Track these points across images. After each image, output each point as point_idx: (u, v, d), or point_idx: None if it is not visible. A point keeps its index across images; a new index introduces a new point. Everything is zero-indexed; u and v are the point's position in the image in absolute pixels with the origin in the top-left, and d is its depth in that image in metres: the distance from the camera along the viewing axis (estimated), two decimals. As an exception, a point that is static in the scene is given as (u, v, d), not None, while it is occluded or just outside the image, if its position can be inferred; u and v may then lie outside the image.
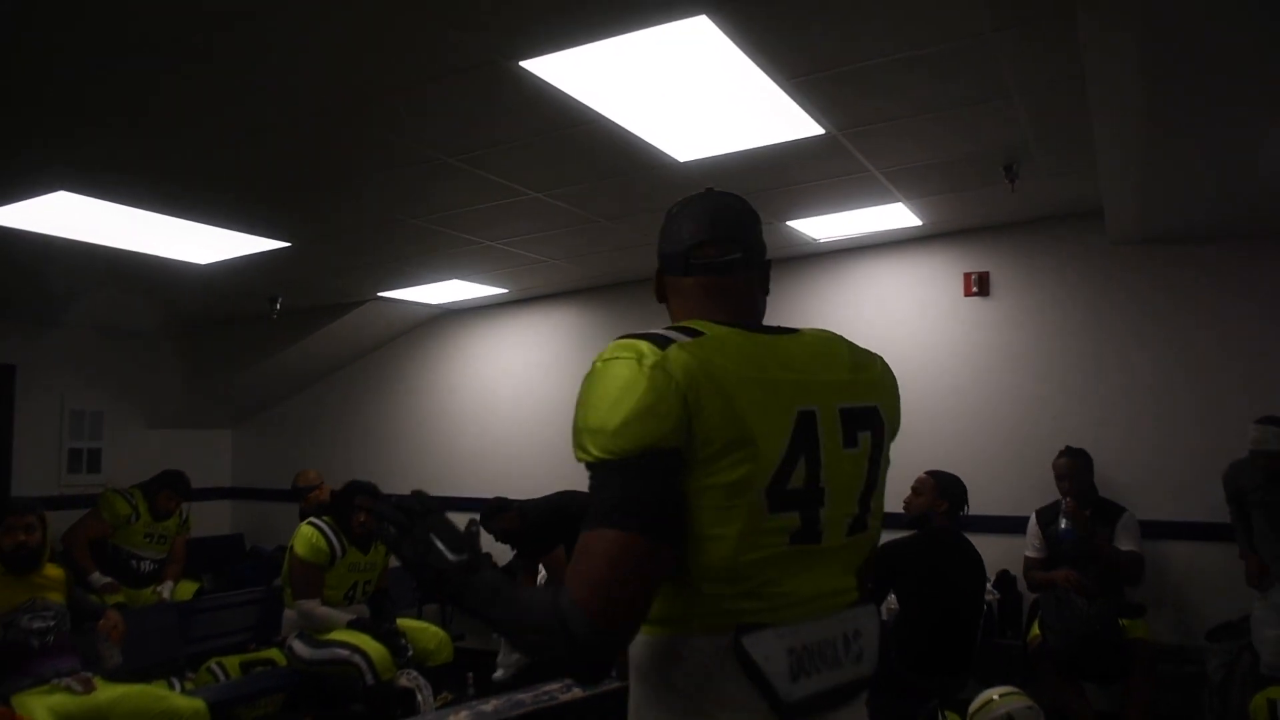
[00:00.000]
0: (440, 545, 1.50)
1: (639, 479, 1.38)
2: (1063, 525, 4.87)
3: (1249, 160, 3.93)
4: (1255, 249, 5.05)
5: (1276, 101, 3.31)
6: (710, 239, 1.66)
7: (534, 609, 1.40)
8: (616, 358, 1.43)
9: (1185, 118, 3.49)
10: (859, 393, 1.60)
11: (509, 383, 7.31)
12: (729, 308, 1.63)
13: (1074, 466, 5.00)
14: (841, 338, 1.66)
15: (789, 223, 5.26)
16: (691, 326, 1.51)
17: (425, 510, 1.55)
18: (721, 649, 1.43)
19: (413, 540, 1.52)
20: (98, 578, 5.77)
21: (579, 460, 1.43)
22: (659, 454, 1.38)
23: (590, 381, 1.45)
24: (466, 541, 1.52)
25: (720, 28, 2.83)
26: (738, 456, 1.42)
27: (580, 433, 1.42)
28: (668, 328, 1.51)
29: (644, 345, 1.43)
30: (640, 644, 1.48)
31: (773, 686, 1.43)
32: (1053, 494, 5.11)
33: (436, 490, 7.34)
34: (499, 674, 5.36)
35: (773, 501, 1.45)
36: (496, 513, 5.58)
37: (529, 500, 5.66)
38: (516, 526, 5.52)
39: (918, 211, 5.22)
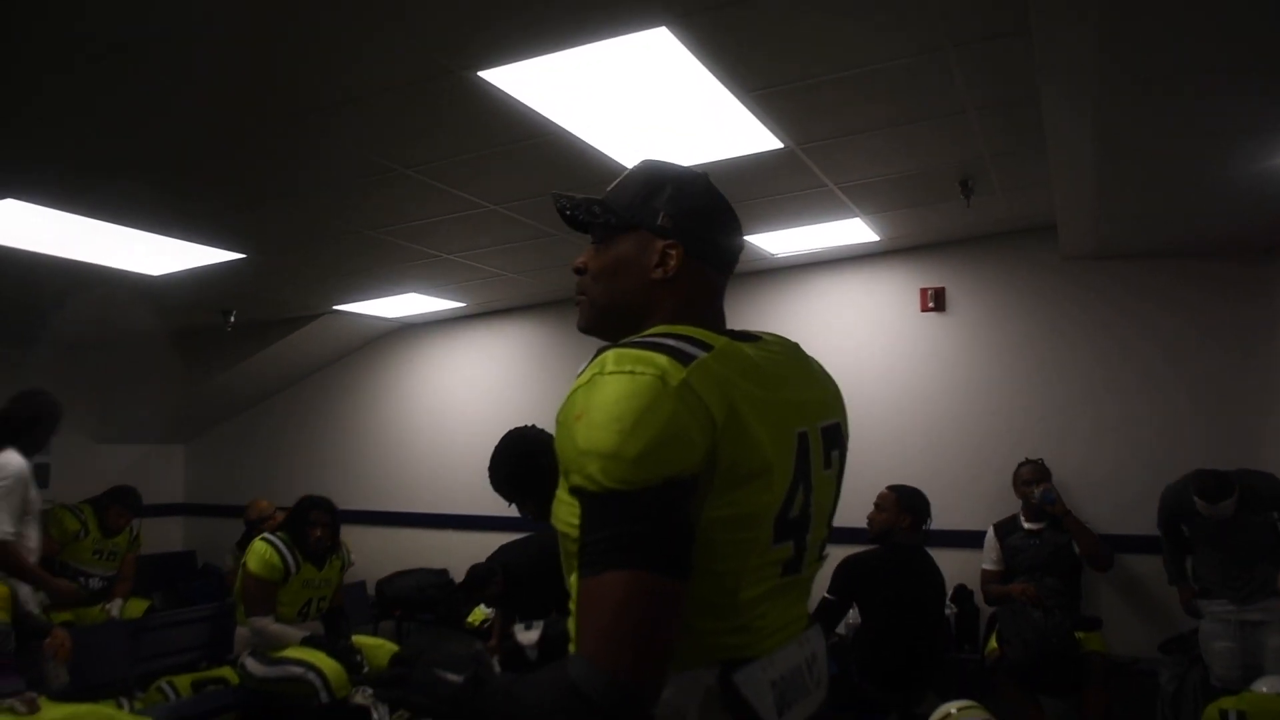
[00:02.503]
0: (443, 674, 1.36)
1: (658, 512, 1.21)
2: (1039, 493, 4.92)
3: (1198, 180, 4.00)
4: (1205, 265, 5.15)
5: (1225, 123, 3.37)
6: (734, 236, 1.54)
7: (545, 697, 1.23)
8: (631, 372, 1.26)
9: (1137, 137, 3.54)
10: (830, 409, 1.53)
11: (466, 397, 7.26)
12: (714, 310, 1.52)
13: (1039, 471, 5.07)
14: (798, 346, 1.57)
15: (746, 237, 5.27)
16: (692, 335, 1.35)
17: (416, 654, 1.41)
18: (707, 687, 1.32)
19: (418, 685, 1.36)
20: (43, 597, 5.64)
21: (575, 487, 1.25)
22: (680, 484, 1.23)
23: (594, 398, 1.26)
24: (467, 659, 1.39)
25: (680, 40, 2.84)
26: (756, 486, 1.31)
27: (585, 457, 1.23)
28: (665, 334, 1.35)
29: (663, 360, 1.27)
30: None
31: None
32: (1008, 507, 5.16)
33: (392, 507, 7.31)
34: None
35: (777, 532, 1.36)
36: (482, 584, 5.44)
37: (510, 555, 5.52)
38: (504, 591, 5.42)
39: (874, 227, 5.25)
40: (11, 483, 4.31)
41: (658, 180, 1.54)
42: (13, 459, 4.36)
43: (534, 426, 3.16)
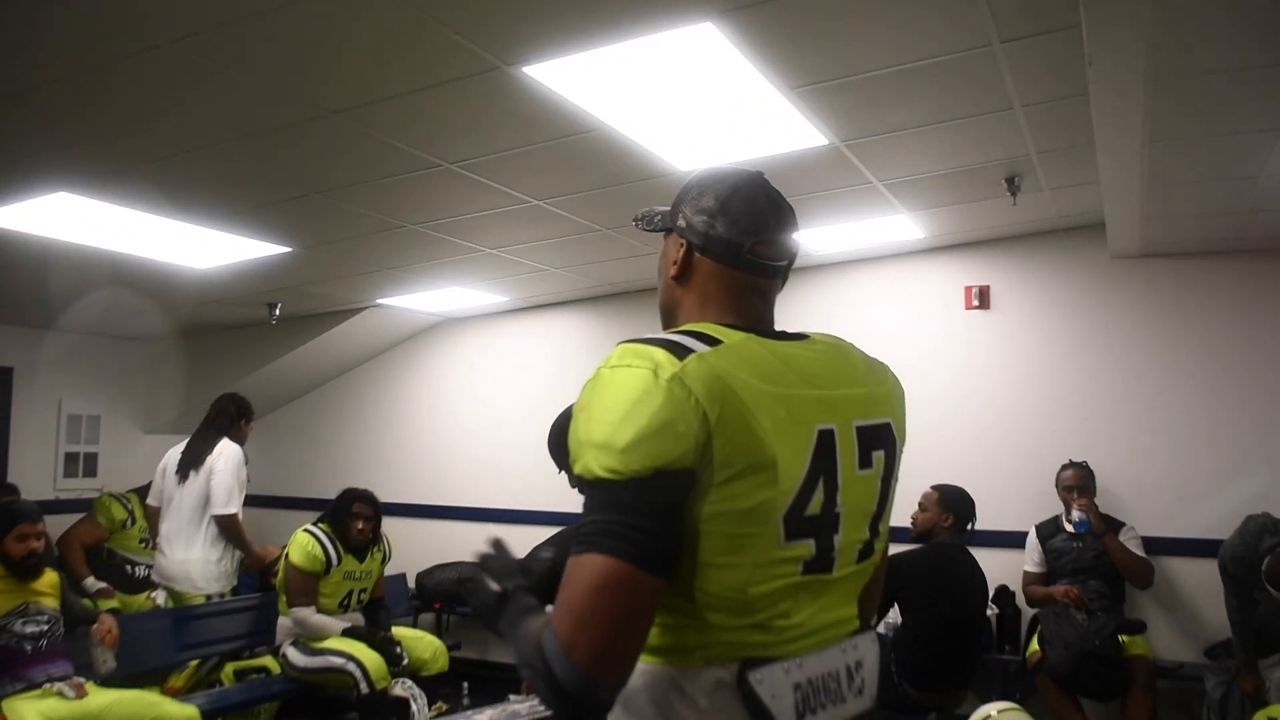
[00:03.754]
0: (487, 580, 1.47)
1: (643, 502, 1.25)
2: (1076, 518, 4.83)
3: (1250, 176, 3.93)
4: (1255, 264, 5.05)
5: (1277, 119, 3.31)
6: (772, 238, 1.54)
7: (527, 641, 1.31)
8: (628, 365, 1.31)
9: (1188, 134, 3.50)
10: (874, 408, 1.50)
11: (508, 392, 7.29)
12: (754, 311, 1.52)
13: (1082, 477, 4.99)
14: (853, 345, 1.57)
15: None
16: (705, 332, 1.38)
17: (486, 559, 1.53)
18: (725, 684, 1.33)
19: (469, 585, 1.49)
20: (92, 582, 5.74)
21: (577, 475, 1.31)
22: (670, 475, 1.26)
23: (595, 390, 1.33)
24: (510, 573, 1.48)
25: (725, 35, 2.83)
26: (757, 480, 1.31)
27: (582, 447, 1.30)
28: (679, 330, 1.40)
29: (659, 353, 1.31)
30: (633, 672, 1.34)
31: None
32: (1051, 508, 5.10)
33: (434, 500, 7.35)
34: None
35: (789, 529, 1.35)
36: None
37: (535, 558, 5.52)
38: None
39: (919, 224, 5.21)
40: (234, 466, 5.27)
41: (691, 183, 1.59)
42: (230, 446, 5.33)
43: None
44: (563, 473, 3.09)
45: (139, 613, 5.62)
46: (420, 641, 5.32)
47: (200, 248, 4.96)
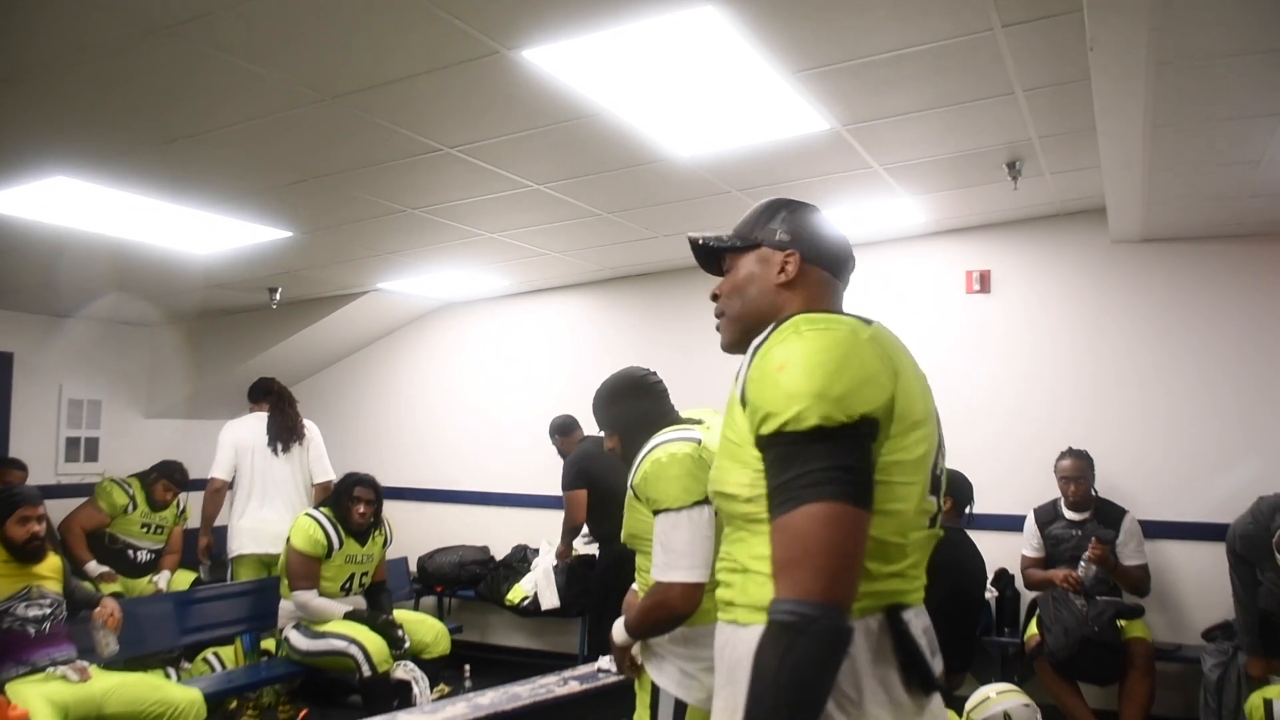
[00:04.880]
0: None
1: (854, 447, 1.38)
2: (1088, 576, 4.75)
3: (1251, 161, 3.93)
4: (1256, 248, 5.06)
5: (1278, 104, 3.31)
6: (850, 254, 1.81)
7: (766, 666, 1.33)
8: (825, 329, 1.47)
9: (1189, 118, 3.49)
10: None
11: (509, 376, 7.30)
12: (837, 307, 1.74)
13: (1080, 468, 4.99)
14: None
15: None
16: (846, 313, 1.60)
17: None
18: (872, 631, 1.44)
19: None
20: (94, 567, 5.77)
21: (773, 434, 1.40)
22: (871, 423, 1.41)
23: (796, 349, 1.44)
24: None
25: (726, 18, 2.82)
26: (920, 434, 1.49)
27: (790, 400, 1.39)
28: (824, 310, 1.60)
29: (851, 320, 1.53)
30: (758, 635, 1.39)
31: (927, 663, 1.48)
32: (1050, 492, 5.12)
33: (435, 484, 7.38)
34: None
35: (931, 483, 1.55)
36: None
37: (595, 466, 5.46)
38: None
39: (920, 208, 5.21)
40: (320, 439, 6.15)
41: (774, 206, 1.79)
42: (311, 423, 6.14)
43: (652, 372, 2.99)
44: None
45: (141, 597, 5.66)
46: (422, 624, 5.34)
47: (201, 233, 4.96)
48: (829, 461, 1.35)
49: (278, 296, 6.56)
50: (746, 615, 1.48)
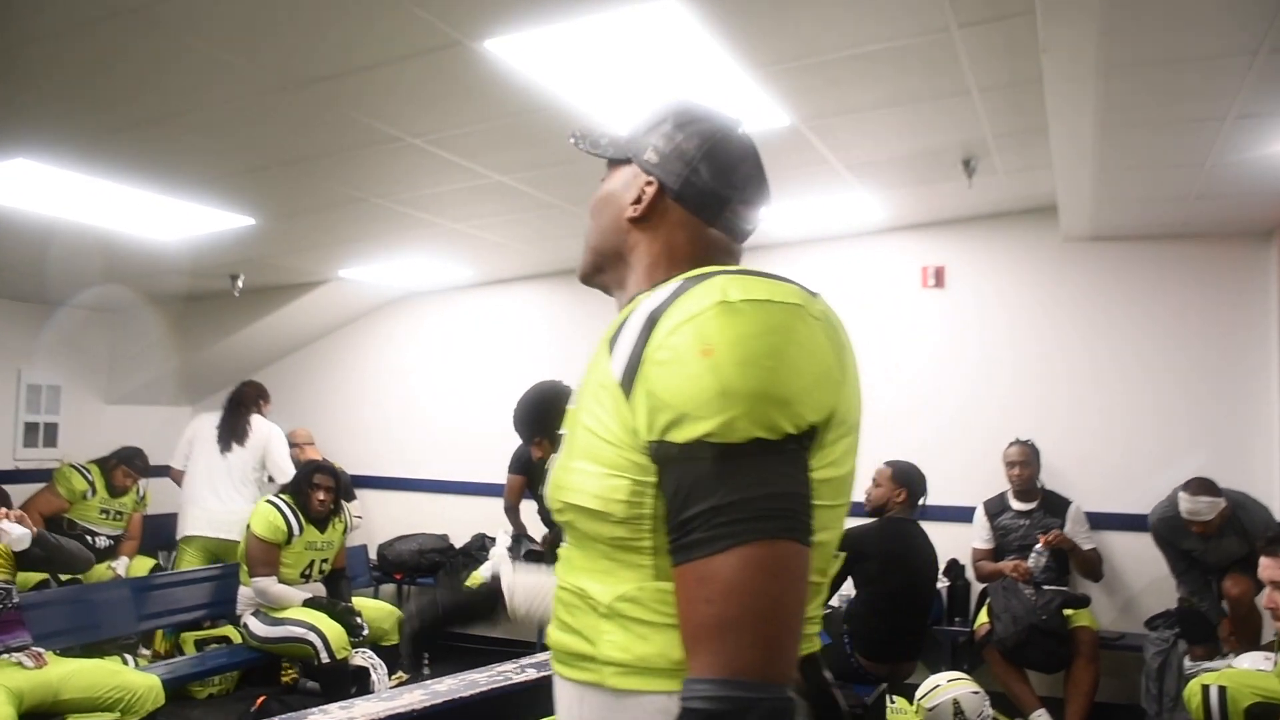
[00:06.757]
0: None
1: (797, 466, 1.03)
2: (1039, 563, 4.90)
3: (1196, 164, 4.03)
4: (1201, 248, 5.20)
5: (1225, 107, 3.40)
6: (758, 201, 1.34)
7: None
8: (768, 300, 1.06)
9: (1138, 120, 3.58)
10: None
11: (471, 365, 7.30)
12: None
13: (1025, 454, 5.13)
14: None
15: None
16: (782, 278, 1.16)
17: None
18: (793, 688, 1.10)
19: None
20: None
21: (695, 441, 1.01)
22: (814, 433, 1.05)
23: (728, 330, 1.03)
24: None
25: (688, 11, 2.84)
26: (849, 443, 1.14)
27: (721, 401, 1.00)
28: (750, 270, 1.15)
29: (797, 290, 1.11)
30: (646, 707, 1.08)
31: (841, 713, 1.20)
32: (999, 485, 5.23)
33: (396, 472, 7.37)
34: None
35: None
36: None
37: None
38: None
39: (877, 204, 5.28)
40: (284, 444, 6.27)
41: (666, 113, 1.33)
42: (275, 427, 6.34)
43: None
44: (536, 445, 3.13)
45: (99, 583, 5.62)
46: (380, 611, 5.36)
47: (163, 218, 4.93)
48: (772, 487, 0.99)
49: (240, 284, 6.53)
50: (624, 679, 1.10)
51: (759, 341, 1.02)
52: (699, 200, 1.28)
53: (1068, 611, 4.77)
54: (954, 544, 5.31)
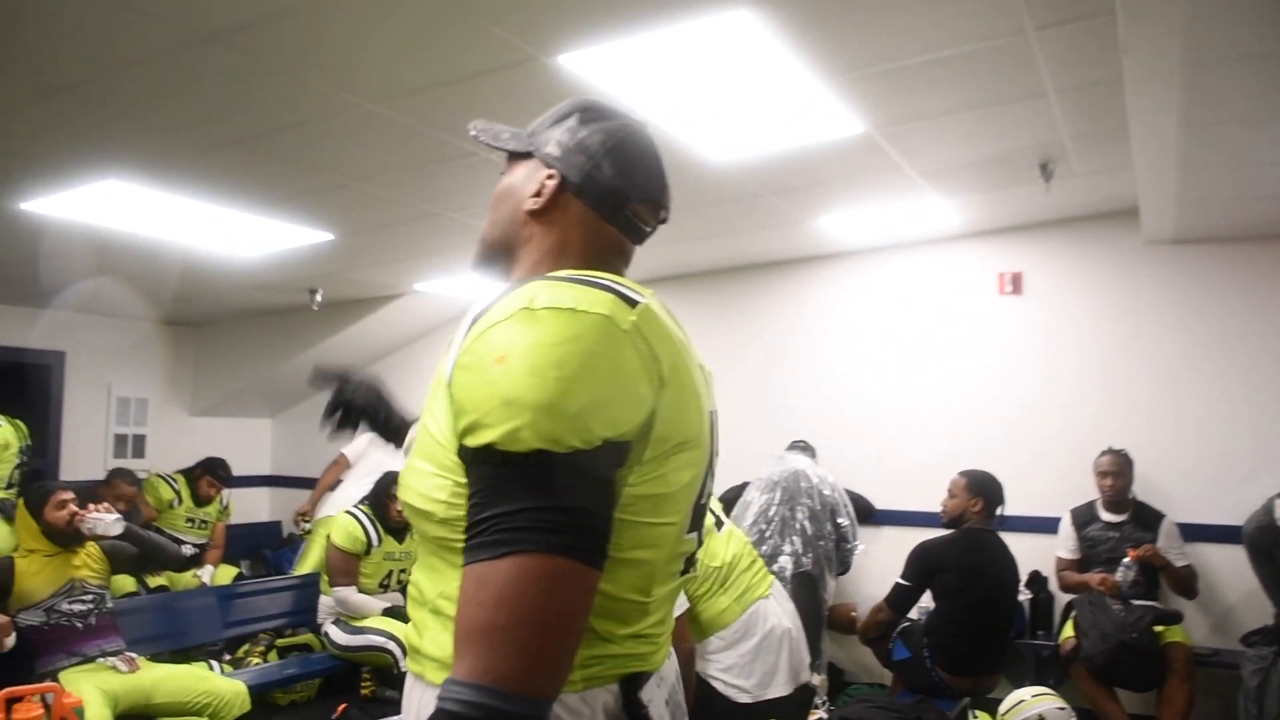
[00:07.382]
0: None
1: (585, 481, 1.00)
2: (1126, 576, 4.72)
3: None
4: (1290, 250, 5.02)
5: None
6: (654, 200, 1.35)
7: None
8: (572, 309, 1.05)
9: (1223, 118, 3.48)
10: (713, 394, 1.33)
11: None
12: (606, 269, 1.25)
13: (1119, 464, 4.97)
14: None
15: (820, 222, 5.28)
16: (624, 283, 1.15)
17: None
18: (608, 706, 1.12)
19: None
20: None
21: (484, 447, 1.02)
22: (617, 448, 1.03)
23: (524, 337, 1.03)
24: None
25: (761, 22, 2.84)
26: (684, 459, 1.12)
27: (507, 409, 1.00)
28: (592, 275, 1.15)
29: (609, 298, 1.08)
30: None
31: None
32: (1082, 494, 5.10)
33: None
34: None
35: (692, 519, 1.19)
36: None
37: None
38: None
39: (952, 210, 5.21)
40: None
41: (571, 109, 1.36)
42: None
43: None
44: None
45: (185, 590, 5.77)
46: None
47: (244, 235, 5.06)
48: (550, 500, 0.98)
49: (318, 298, 6.66)
50: (435, 672, 1.11)
51: (551, 351, 1.01)
52: (599, 196, 1.28)
53: (1158, 628, 4.62)
54: (1036, 555, 5.19)
